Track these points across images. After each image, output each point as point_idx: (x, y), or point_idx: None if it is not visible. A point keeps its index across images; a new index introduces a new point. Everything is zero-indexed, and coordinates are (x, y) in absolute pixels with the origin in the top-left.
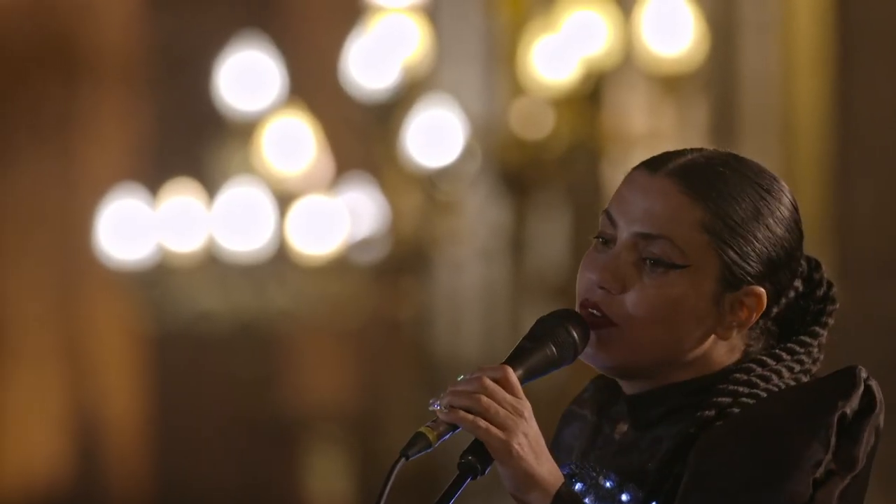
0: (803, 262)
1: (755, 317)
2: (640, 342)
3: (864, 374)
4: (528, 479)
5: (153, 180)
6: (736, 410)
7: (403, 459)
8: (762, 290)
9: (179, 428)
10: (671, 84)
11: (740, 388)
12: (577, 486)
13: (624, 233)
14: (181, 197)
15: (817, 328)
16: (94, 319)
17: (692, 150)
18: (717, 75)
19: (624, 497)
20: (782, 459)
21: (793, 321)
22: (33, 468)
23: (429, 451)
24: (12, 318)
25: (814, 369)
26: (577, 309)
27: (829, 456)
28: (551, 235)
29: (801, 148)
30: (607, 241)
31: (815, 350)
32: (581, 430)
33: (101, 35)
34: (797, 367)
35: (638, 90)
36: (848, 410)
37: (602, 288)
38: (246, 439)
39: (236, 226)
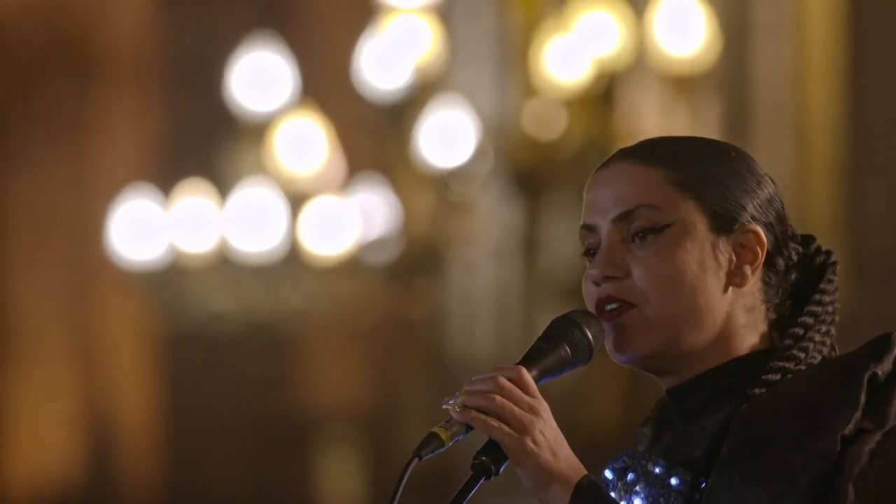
0: (797, 232)
1: (761, 255)
2: (664, 315)
3: None
4: (545, 475)
5: (166, 180)
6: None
7: (416, 459)
8: (756, 226)
9: (191, 428)
10: (684, 84)
11: (787, 365)
12: (630, 476)
13: (603, 228)
14: (193, 197)
15: (825, 286)
16: (107, 320)
17: None
18: (730, 76)
19: (673, 481)
20: (813, 421)
21: (801, 288)
22: (46, 467)
23: (442, 451)
24: (25, 318)
25: (833, 331)
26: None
27: (859, 414)
28: (564, 236)
29: (814, 148)
30: (594, 252)
31: (831, 308)
32: (641, 445)
33: (114, 36)
34: (823, 328)
35: (650, 90)
36: (879, 371)
37: (608, 278)
38: (258, 439)
39: (249, 226)
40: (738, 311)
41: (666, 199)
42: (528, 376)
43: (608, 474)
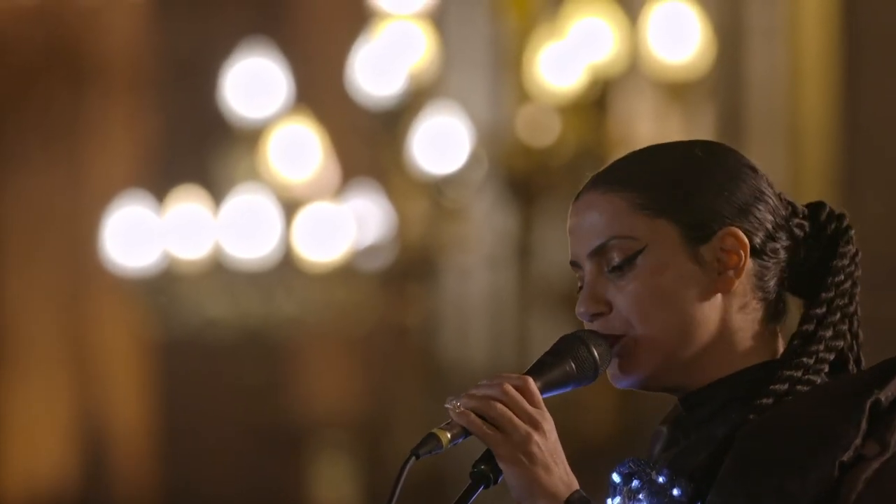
0: (799, 207)
1: (745, 256)
2: (653, 336)
3: None
4: (532, 488)
5: (160, 187)
6: (789, 398)
7: (414, 458)
8: (734, 228)
9: (186, 434)
10: (678, 90)
11: (795, 373)
12: (634, 483)
13: (584, 265)
14: (188, 204)
15: (838, 262)
16: (101, 326)
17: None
18: (724, 81)
19: (675, 491)
20: (813, 446)
21: (815, 263)
22: (39, 474)
23: (439, 452)
24: (19, 324)
25: (851, 310)
26: None
27: (859, 441)
28: (558, 242)
29: (809, 154)
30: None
31: (848, 283)
32: (657, 443)
33: (109, 42)
34: (837, 316)
35: (644, 96)
36: (883, 398)
37: (595, 316)
38: (253, 446)
39: (243, 232)
40: (730, 315)
41: (634, 225)
42: (534, 387)
43: (615, 478)
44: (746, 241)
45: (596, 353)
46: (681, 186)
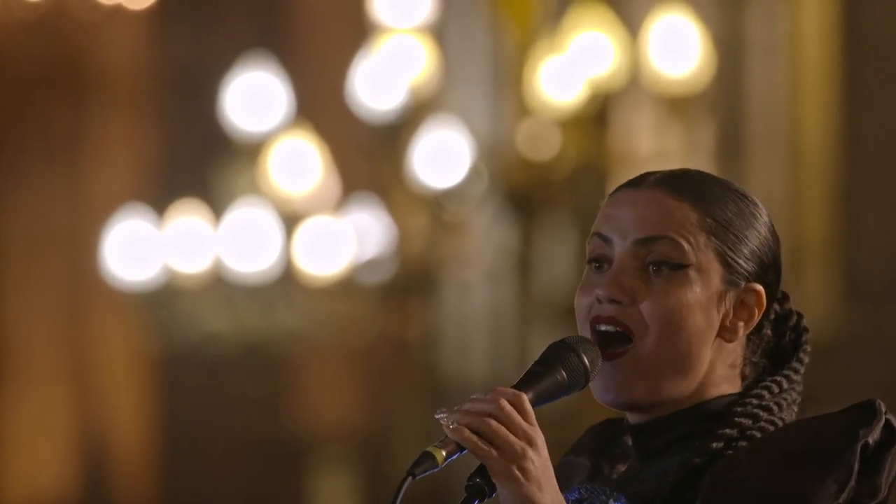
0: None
1: (757, 316)
2: (657, 355)
3: (883, 408)
4: None
5: (160, 201)
6: (743, 443)
7: (410, 478)
8: (760, 286)
9: (187, 448)
10: (678, 105)
11: (746, 421)
12: None
13: (619, 247)
14: (188, 218)
15: (802, 355)
16: (102, 340)
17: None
18: (724, 96)
19: None
20: (804, 490)
21: (774, 346)
22: (40, 488)
23: (436, 470)
24: (20, 338)
25: (798, 400)
26: (583, 332)
27: (852, 483)
28: (558, 256)
29: (808, 168)
30: (601, 264)
31: (799, 382)
32: (577, 476)
33: (109, 57)
34: (791, 397)
35: (645, 111)
36: (870, 440)
37: (613, 301)
38: (253, 460)
39: (243, 246)
40: (718, 364)
41: (692, 239)
42: (528, 403)
43: None
44: (765, 303)
45: (586, 360)
46: (738, 226)
